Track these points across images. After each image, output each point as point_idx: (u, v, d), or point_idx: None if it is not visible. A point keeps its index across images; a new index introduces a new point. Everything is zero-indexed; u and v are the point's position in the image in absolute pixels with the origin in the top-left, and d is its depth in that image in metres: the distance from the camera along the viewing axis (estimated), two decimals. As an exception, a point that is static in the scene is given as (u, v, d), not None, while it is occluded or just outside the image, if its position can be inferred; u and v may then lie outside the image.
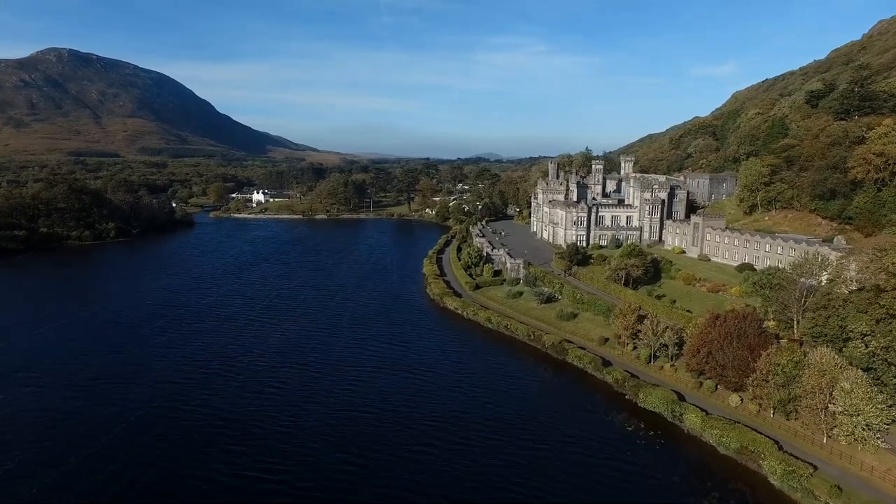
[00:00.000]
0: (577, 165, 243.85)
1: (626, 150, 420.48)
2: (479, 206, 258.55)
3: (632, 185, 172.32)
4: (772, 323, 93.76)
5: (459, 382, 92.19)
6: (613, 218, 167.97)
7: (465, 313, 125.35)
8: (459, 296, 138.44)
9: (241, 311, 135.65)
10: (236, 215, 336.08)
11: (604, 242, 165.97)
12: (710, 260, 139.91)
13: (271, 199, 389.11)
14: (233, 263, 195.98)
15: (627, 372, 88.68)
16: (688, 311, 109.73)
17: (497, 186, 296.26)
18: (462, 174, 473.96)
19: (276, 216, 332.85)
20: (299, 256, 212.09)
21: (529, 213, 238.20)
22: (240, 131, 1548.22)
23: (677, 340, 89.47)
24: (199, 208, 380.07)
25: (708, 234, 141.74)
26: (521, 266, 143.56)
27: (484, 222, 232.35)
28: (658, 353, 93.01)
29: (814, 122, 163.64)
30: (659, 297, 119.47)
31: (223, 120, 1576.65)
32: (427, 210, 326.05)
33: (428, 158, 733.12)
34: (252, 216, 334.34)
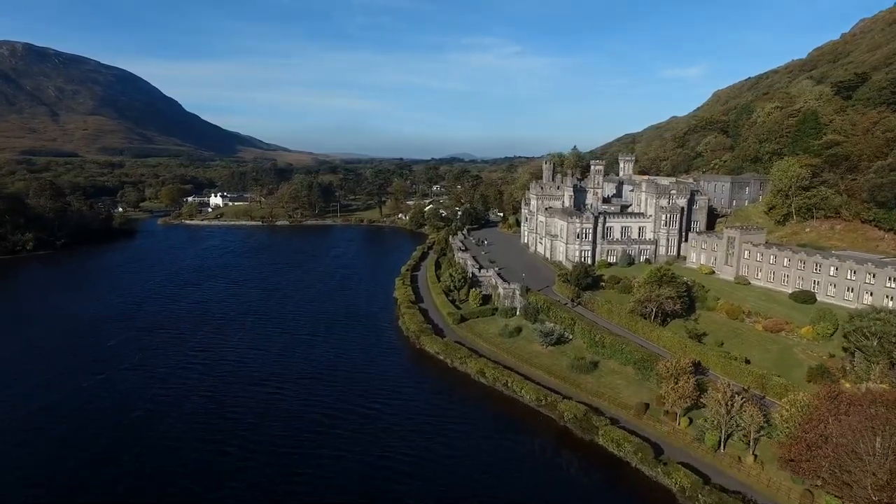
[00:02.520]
0: (570, 166, 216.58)
1: (605, 150, 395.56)
2: (459, 213, 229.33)
3: (644, 189, 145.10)
4: (883, 385, 66.62)
5: (447, 485, 62.99)
6: (624, 229, 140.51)
7: (449, 360, 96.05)
8: (441, 332, 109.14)
9: (162, 353, 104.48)
10: (188, 222, 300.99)
11: (613, 259, 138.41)
12: (749, 283, 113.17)
13: (231, 203, 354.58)
14: (170, 283, 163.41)
15: (694, 470, 60.30)
16: (746, 360, 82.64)
17: (478, 189, 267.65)
18: (437, 175, 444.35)
19: (233, 222, 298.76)
20: (251, 272, 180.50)
21: (517, 221, 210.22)
22: (208, 131, 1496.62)
23: (763, 422, 61.54)
24: (148, 213, 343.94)
25: (746, 252, 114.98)
26: (518, 292, 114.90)
27: (465, 231, 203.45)
28: (731, 431, 64.92)
29: (860, 115, 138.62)
30: (699, 338, 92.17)
31: (191, 119, 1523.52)
32: (400, 215, 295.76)
33: (401, 159, 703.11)
34: (206, 223, 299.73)
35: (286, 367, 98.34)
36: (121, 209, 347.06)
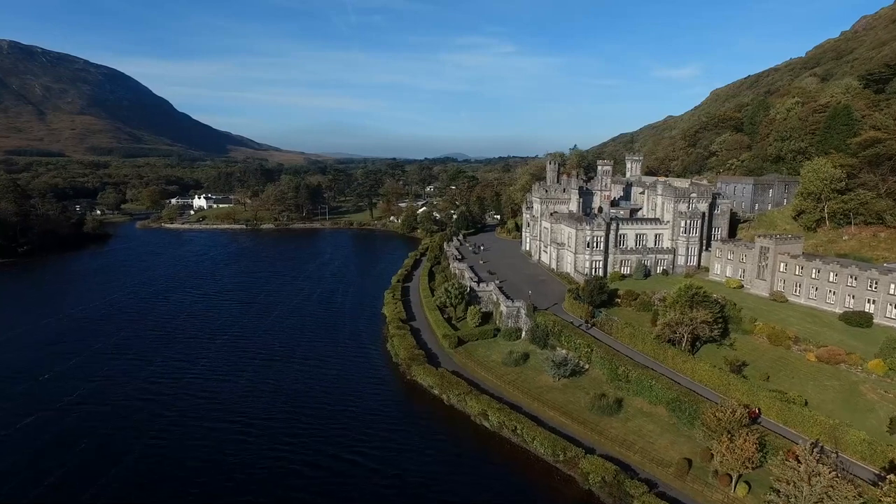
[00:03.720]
0: (573, 166, 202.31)
1: (601, 149, 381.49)
2: (455, 216, 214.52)
3: (660, 193, 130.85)
4: None
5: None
6: (639, 237, 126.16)
7: (445, 397, 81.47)
8: (435, 358, 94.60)
9: (111, 385, 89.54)
10: (168, 225, 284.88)
11: (626, 270, 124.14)
12: (786, 301, 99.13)
13: (215, 205, 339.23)
14: (136, 296, 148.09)
15: (767, 567, 46.03)
16: (805, 402, 68.41)
17: (474, 191, 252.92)
18: (431, 175, 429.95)
19: (216, 226, 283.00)
20: (228, 282, 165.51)
21: (516, 226, 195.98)
22: (199, 131, 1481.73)
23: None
24: (128, 217, 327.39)
25: (783, 264, 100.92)
26: (523, 311, 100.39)
27: (461, 237, 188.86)
28: (804, 510, 50.61)
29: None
30: (739, 369, 77.92)
31: (182, 118, 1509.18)
32: (392, 218, 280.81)
33: (395, 159, 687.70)
34: (186, 226, 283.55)
35: (255, 402, 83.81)
36: (98, 212, 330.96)
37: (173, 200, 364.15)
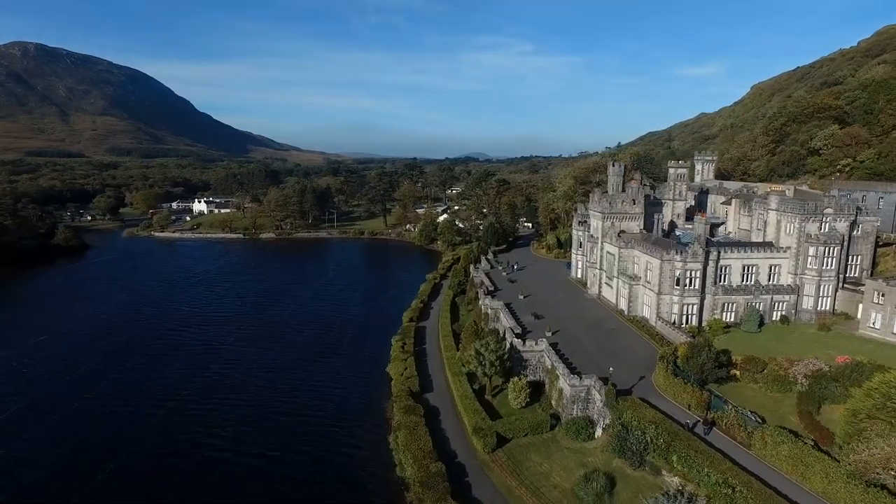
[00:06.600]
0: (628, 169, 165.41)
1: (628, 148, 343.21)
2: (483, 228, 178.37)
3: (774, 207, 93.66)
4: None
5: None
6: (747, 270, 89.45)
7: (480, 583, 46.21)
8: (463, 476, 59.33)
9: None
10: (158, 234, 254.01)
11: (730, 316, 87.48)
12: None
13: (216, 210, 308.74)
14: (72, 335, 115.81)
15: None
16: None
17: (504, 197, 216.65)
18: (452, 176, 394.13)
19: (210, 235, 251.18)
20: (200, 313, 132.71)
21: (557, 241, 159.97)
22: (220, 131, 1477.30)
23: None
24: (120, 223, 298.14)
25: None
26: (597, 394, 64.63)
27: (491, 255, 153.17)
28: None
29: None
30: None
31: (203, 119, 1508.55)
32: (408, 226, 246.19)
33: (415, 159, 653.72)
34: (177, 235, 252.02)
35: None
36: (89, 217, 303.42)
37: (173, 204, 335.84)
